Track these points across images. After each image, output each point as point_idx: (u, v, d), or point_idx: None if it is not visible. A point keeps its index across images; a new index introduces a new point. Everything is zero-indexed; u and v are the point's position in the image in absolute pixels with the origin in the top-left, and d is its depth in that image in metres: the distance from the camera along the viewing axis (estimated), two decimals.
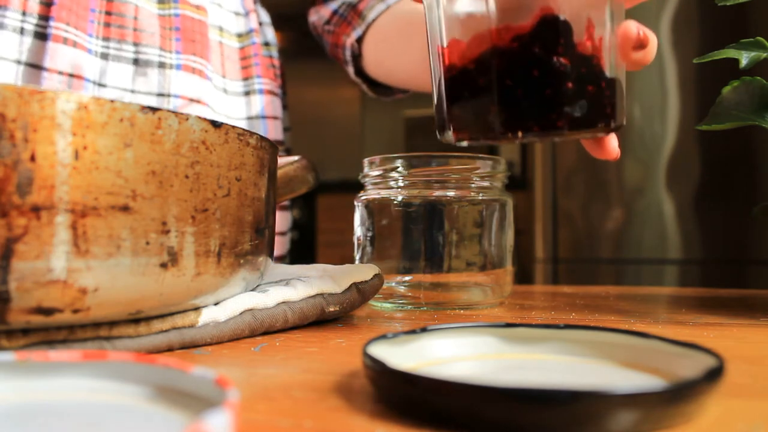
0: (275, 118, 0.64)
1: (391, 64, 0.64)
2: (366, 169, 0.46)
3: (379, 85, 0.71)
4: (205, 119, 0.26)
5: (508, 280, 0.45)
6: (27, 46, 0.48)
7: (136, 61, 0.52)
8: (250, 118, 0.62)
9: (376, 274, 0.39)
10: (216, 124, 0.26)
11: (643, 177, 1.32)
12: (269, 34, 0.68)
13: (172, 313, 0.27)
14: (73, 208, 0.22)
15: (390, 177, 0.44)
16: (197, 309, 0.28)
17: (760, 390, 0.21)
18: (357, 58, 0.68)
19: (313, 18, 0.71)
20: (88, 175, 0.22)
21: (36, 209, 0.21)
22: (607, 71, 0.29)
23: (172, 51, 0.54)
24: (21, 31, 0.48)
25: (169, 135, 0.24)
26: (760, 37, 0.39)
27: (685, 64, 1.29)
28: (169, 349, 0.27)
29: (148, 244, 0.24)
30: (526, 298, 0.50)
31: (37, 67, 0.48)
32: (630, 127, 1.32)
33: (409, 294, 0.44)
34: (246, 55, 0.63)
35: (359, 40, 0.66)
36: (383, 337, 0.23)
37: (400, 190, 0.44)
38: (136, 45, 0.52)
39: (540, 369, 0.22)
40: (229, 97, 0.61)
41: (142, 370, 0.18)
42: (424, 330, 0.24)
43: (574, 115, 0.28)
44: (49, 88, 0.37)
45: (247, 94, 0.62)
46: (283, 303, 0.33)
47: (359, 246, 0.46)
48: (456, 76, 0.30)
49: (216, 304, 0.30)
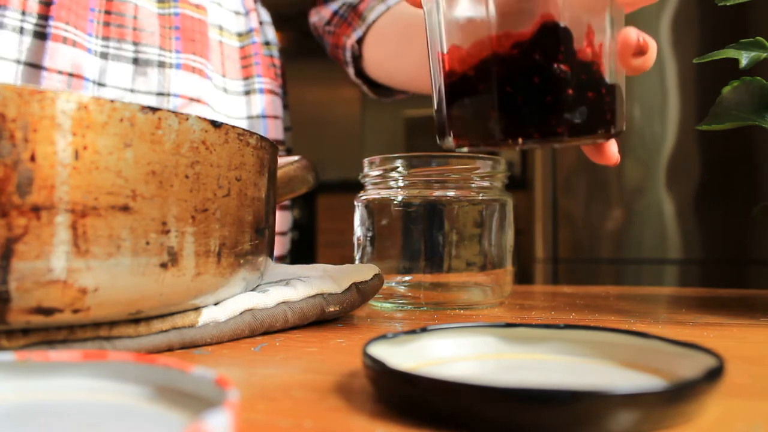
0: (276, 117, 0.64)
1: (391, 65, 0.64)
2: (366, 169, 0.46)
3: (380, 86, 0.71)
4: (205, 119, 0.26)
5: (508, 280, 0.45)
6: (26, 45, 0.48)
7: (136, 61, 0.52)
8: (250, 118, 0.62)
9: (376, 274, 0.39)
10: (216, 124, 0.26)
11: (643, 177, 1.32)
12: (270, 33, 0.68)
13: (172, 313, 0.27)
14: (73, 208, 0.22)
15: (390, 177, 0.44)
16: (197, 309, 0.28)
17: (760, 390, 0.21)
18: (357, 59, 0.68)
19: (313, 19, 0.71)
20: (88, 175, 0.22)
21: (36, 209, 0.21)
22: (607, 77, 0.29)
23: (171, 50, 0.54)
24: (21, 31, 0.48)
25: (169, 135, 0.24)
26: (760, 37, 0.39)
27: (685, 64, 1.29)
28: (169, 349, 0.27)
29: (148, 244, 0.24)
30: (526, 298, 0.50)
31: (36, 67, 0.48)
32: (630, 127, 1.32)
33: (409, 294, 0.44)
34: (246, 54, 0.63)
35: (359, 41, 0.66)
36: (383, 337, 0.23)
37: (400, 190, 0.44)
38: (136, 44, 0.52)
39: (540, 369, 0.22)
40: (230, 97, 0.60)
41: (142, 370, 0.18)
42: (424, 330, 0.24)
43: (575, 122, 0.28)
44: (49, 88, 0.37)
45: (247, 93, 0.62)
46: (283, 303, 0.33)
47: (359, 246, 0.46)
48: (456, 82, 0.30)
49: (216, 304, 0.30)
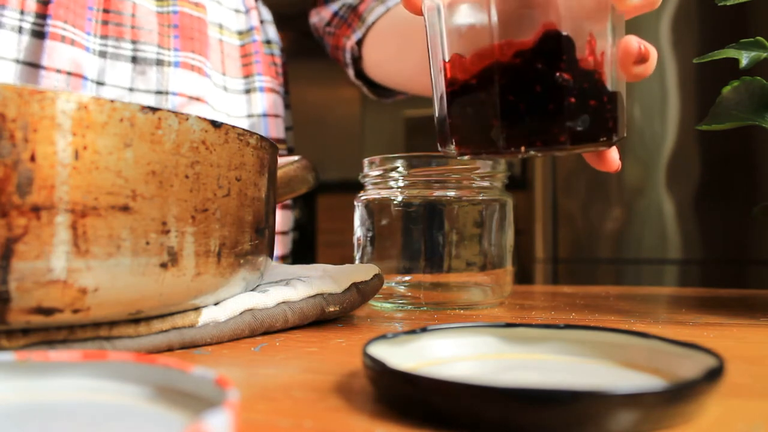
0: (276, 116, 0.63)
1: (391, 67, 0.64)
2: (366, 169, 0.46)
3: (380, 87, 0.71)
4: (205, 119, 0.26)
5: (508, 280, 0.45)
6: (24, 44, 0.48)
7: (134, 59, 0.52)
8: (250, 116, 0.62)
9: (376, 275, 0.39)
10: (216, 124, 0.26)
11: (643, 177, 1.32)
12: (271, 32, 0.68)
13: (172, 313, 0.27)
14: (73, 208, 0.22)
15: (390, 177, 0.44)
16: (197, 309, 0.28)
17: (760, 390, 0.21)
18: (357, 60, 0.67)
19: (314, 19, 0.71)
20: (88, 175, 0.22)
21: (36, 209, 0.21)
22: (609, 85, 0.29)
23: (170, 48, 0.54)
24: (19, 30, 0.48)
25: (169, 135, 0.24)
26: (760, 37, 0.39)
27: (685, 64, 1.29)
28: (169, 349, 0.27)
29: (148, 244, 0.24)
30: (526, 298, 0.50)
31: (35, 66, 0.48)
32: (630, 127, 1.32)
33: (409, 294, 0.44)
34: (247, 52, 0.63)
35: (359, 42, 0.66)
36: (383, 337, 0.23)
37: (400, 190, 0.44)
38: (134, 43, 0.52)
39: (540, 369, 0.22)
40: (230, 95, 0.60)
41: (142, 370, 0.18)
42: (424, 330, 0.24)
43: (577, 130, 0.28)
44: (49, 88, 0.37)
45: (247, 92, 0.62)
46: (283, 303, 0.33)
47: (359, 246, 0.46)
48: (458, 90, 0.30)
49: (216, 304, 0.30)
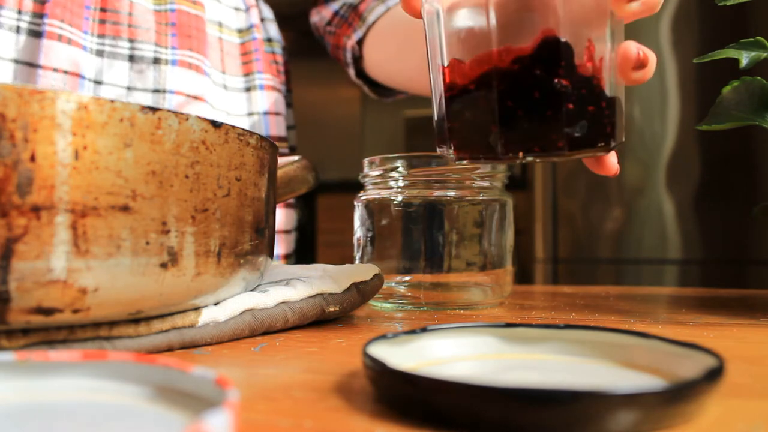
0: (277, 114, 0.63)
1: (391, 67, 0.64)
2: (366, 169, 0.46)
3: (380, 86, 0.71)
4: (205, 119, 0.26)
5: (508, 280, 0.45)
6: (22, 44, 0.48)
7: (132, 58, 0.52)
8: (251, 114, 0.62)
9: (376, 275, 0.39)
10: (216, 124, 0.26)
11: (643, 177, 1.32)
12: (272, 30, 0.68)
13: (172, 313, 0.27)
14: (73, 208, 0.22)
15: (390, 177, 0.44)
16: (197, 309, 0.28)
17: (760, 390, 0.21)
18: (358, 59, 0.67)
19: (314, 18, 0.71)
20: (88, 175, 0.22)
21: (36, 209, 0.21)
22: (607, 91, 0.29)
23: (167, 47, 0.54)
24: (17, 30, 0.48)
25: (169, 135, 0.24)
26: (760, 37, 0.39)
27: (685, 64, 1.29)
28: (169, 349, 0.27)
29: (148, 244, 0.24)
30: (526, 298, 0.50)
31: (32, 65, 0.48)
32: (630, 127, 1.32)
33: (409, 294, 0.44)
34: (247, 50, 0.62)
35: (360, 42, 0.66)
36: (383, 337, 0.23)
37: (400, 190, 0.44)
38: (131, 41, 0.52)
39: (540, 369, 0.22)
40: (230, 93, 0.60)
41: (142, 370, 0.18)
42: (424, 330, 0.24)
43: (575, 136, 0.28)
44: (49, 88, 0.37)
45: (247, 90, 0.62)
46: (283, 303, 0.33)
47: (359, 246, 0.46)
48: (456, 95, 0.30)
49: (216, 304, 0.30)
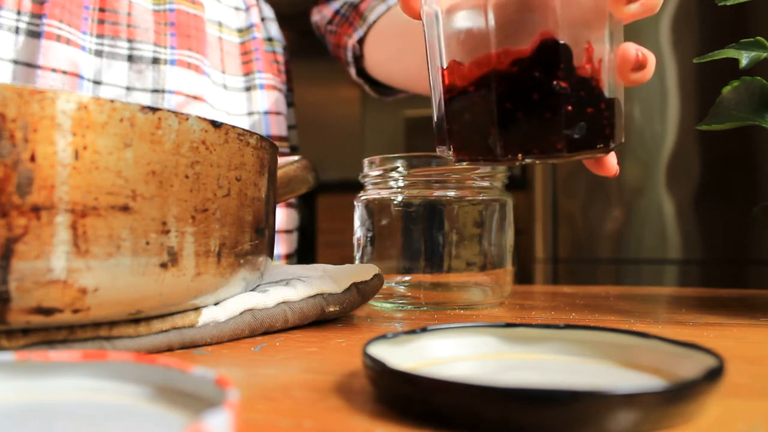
0: (278, 113, 0.63)
1: (392, 66, 0.64)
2: (366, 169, 0.46)
3: (381, 85, 0.71)
4: (205, 119, 0.26)
5: (508, 280, 0.45)
6: (20, 44, 0.48)
7: (131, 58, 0.52)
8: (251, 114, 0.61)
9: (376, 275, 0.39)
10: (216, 124, 0.26)
11: (643, 177, 1.32)
12: (273, 29, 0.68)
13: (172, 313, 0.27)
14: (73, 208, 0.22)
15: (390, 177, 0.44)
16: (197, 309, 0.28)
17: (760, 390, 0.21)
18: (358, 59, 0.68)
19: (315, 18, 0.71)
20: (88, 175, 0.22)
21: (36, 209, 0.21)
22: (606, 92, 0.29)
23: (166, 46, 0.54)
24: (16, 30, 0.48)
25: (169, 135, 0.24)
26: (760, 37, 0.39)
27: (685, 64, 1.29)
28: (169, 349, 0.27)
29: (148, 244, 0.24)
30: (526, 298, 0.50)
31: (31, 66, 0.48)
32: (630, 127, 1.32)
33: (409, 294, 0.44)
34: (247, 50, 0.62)
35: (360, 41, 0.66)
36: (383, 337, 0.23)
37: (400, 190, 0.44)
38: (130, 41, 0.52)
39: (540, 369, 0.22)
40: (230, 93, 0.60)
41: (142, 370, 0.18)
42: (424, 330, 0.24)
43: (574, 138, 0.28)
44: (49, 88, 0.37)
45: (248, 89, 0.62)
46: (283, 303, 0.33)
47: (359, 246, 0.46)
48: (456, 97, 0.30)
49: (216, 304, 0.30)
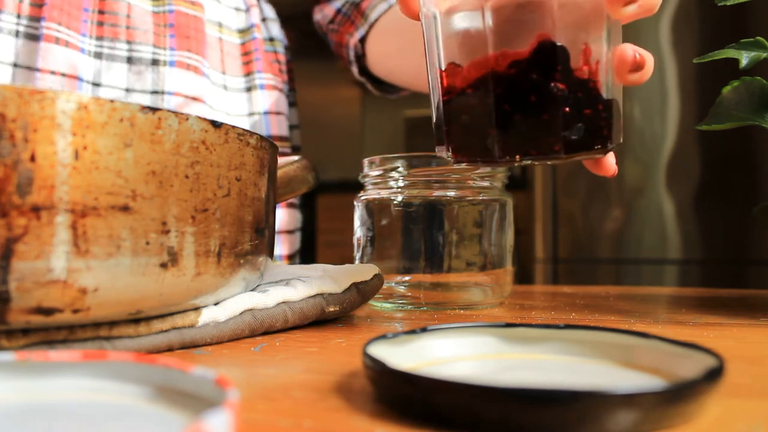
0: (278, 113, 0.63)
1: (394, 64, 0.64)
2: (366, 169, 0.46)
3: (384, 83, 0.71)
4: (205, 119, 0.26)
5: (508, 280, 0.45)
6: (20, 47, 0.48)
7: (130, 60, 0.52)
8: (251, 114, 0.61)
9: (376, 275, 0.39)
10: (216, 124, 0.26)
11: (643, 177, 1.32)
12: (274, 29, 0.68)
13: (172, 313, 0.27)
14: (73, 208, 0.22)
15: (390, 177, 0.44)
16: (197, 309, 0.28)
17: (760, 390, 0.21)
18: (360, 57, 0.68)
19: (317, 16, 0.71)
20: (88, 175, 0.22)
21: (36, 209, 0.21)
22: (604, 93, 0.29)
23: (166, 48, 0.54)
24: (16, 34, 0.48)
25: (169, 135, 0.24)
26: (760, 37, 0.39)
27: (685, 64, 1.29)
28: (169, 349, 0.27)
29: (148, 244, 0.24)
30: (526, 298, 0.50)
31: (30, 69, 0.48)
32: (630, 127, 1.32)
33: (409, 294, 0.44)
34: (247, 50, 0.62)
35: (362, 39, 0.66)
36: (383, 337, 0.23)
37: (400, 190, 0.44)
38: (129, 43, 0.52)
39: (540, 369, 0.22)
40: (230, 94, 0.60)
41: (142, 370, 0.18)
42: (424, 330, 0.24)
43: (571, 139, 0.29)
44: (49, 88, 0.37)
45: (248, 90, 0.62)
46: (283, 303, 0.33)
47: (359, 246, 0.46)
48: (454, 99, 0.31)
49: (216, 304, 0.30)
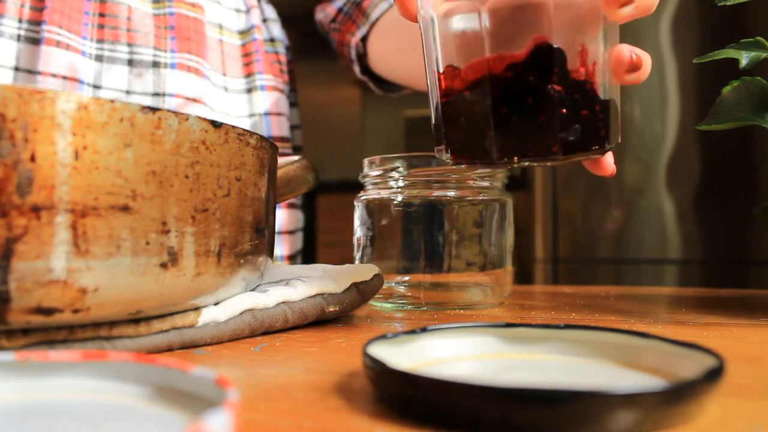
0: (279, 114, 0.63)
1: (395, 63, 0.64)
2: (366, 169, 0.46)
3: (386, 82, 0.71)
4: (205, 119, 0.26)
5: (508, 280, 0.45)
6: (21, 51, 0.48)
7: (131, 62, 0.52)
8: (252, 116, 0.62)
9: (376, 275, 0.39)
10: (216, 124, 0.26)
11: (643, 177, 1.32)
12: (275, 30, 0.68)
13: (172, 313, 0.27)
14: (73, 208, 0.22)
15: (390, 177, 0.44)
16: (197, 309, 0.28)
17: (760, 390, 0.21)
18: (362, 56, 0.68)
19: (319, 16, 0.71)
20: (88, 175, 0.22)
21: (36, 209, 0.21)
22: (601, 94, 0.29)
23: (166, 50, 0.54)
24: (18, 38, 0.48)
25: (169, 135, 0.24)
26: (760, 37, 0.39)
27: (685, 64, 1.29)
28: (169, 349, 0.27)
29: (148, 244, 0.24)
30: (526, 298, 0.50)
31: (31, 72, 0.48)
32: (630, 127, 1.32)
33: (409, 294, 0.44)
34: (247, 51, 0.63)
35: (364, 38, 0.66)
36: (383, 337, 0.23)
37: (400, 190, 0.44)
38: (130, 45, 0.52)
39: (540, 369, 0.22)
40: (230, 95, 0.60)
41: (142, 370, 0.18)
42: (424, 330, 0.24)
43: (569, 140, 0.29)
44: (49, 88, 0.37)
45: (249, 91, 0.62)
46: (283, 303, 0.33)
47: (359, 246, 0.46)
48: (452, 101, 0.31)
49: (216, 304, 0.30)
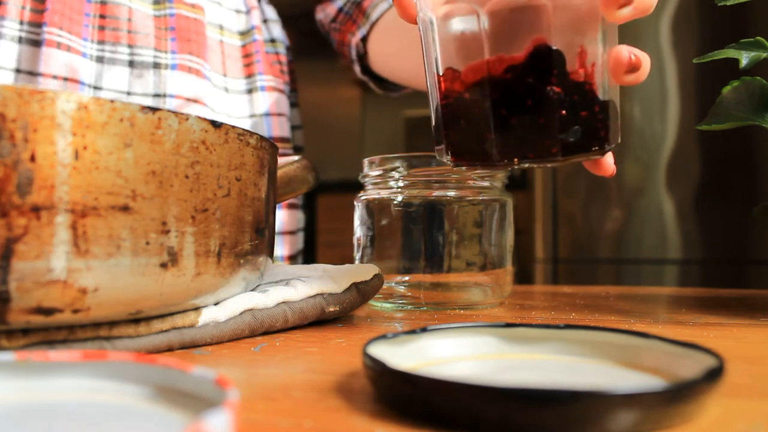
0: (280, 114, 0.63)
1: (396, 63, 0.64)
2: (366, 169, 0.46)
3: (386, 81, 0.71)
4: (205, 119, 0.26)
5: (508, 280, 0.45)
6: (22, 53, 0.48)
7: (131, 63, 0.52)
8: (253, 116, 0.62)
9: (376, 275, 0.39)
10: (216, 124, 0.26)
11: (643, 177, 1.32)
12: (276, 30, 0.68)
13: (172, 313, 0.27)
14: (73, 208, 0.22)
15: (390, 177, 0.44)
16: (197, 309, 0.28)
17: (760, 390, 0.21)
18: (362, 56, 0.68)
19: (319, 15, 0.71)
20: (88, 175, 0.22)
21: (36, 209, 0.21)
22: (600, 95, 0.29)
23: (167, 51, 0.54)
24: (19, 40, 0.48)
25: (169, 135, 0.24)
26: (760, 37, 0.39)
27: (685, 64, 1.29)
28: (169, 349, 0.27)
29: (148, 244, 0.24)
30: (526, 298, 0.50)
31: (32, 74, 0.48)
32: (630, 127, 1.32)
33: (409, 294, 0.44)
34: (248, 52, 0.63)
35: (364, 38, 0.66)
36: (383, 337, 0.23)
37: (400, 190, 0.44)
38: (131, 47, 0.52)
39: (540, 369, 0.22)
40: (231, 96, 0.60)
41: (142, 370, 0.18)
42: (424, 330, 0.24)
43: (568, 142, 0.29)
44: (49, 88, 0.37)
45: (249, 91, 0.62)
46: (283, 303, 0.33)
47: (359, 246, 0.46)
48: (452, 103, 0.31)
49: (216, 304, 0.30)
